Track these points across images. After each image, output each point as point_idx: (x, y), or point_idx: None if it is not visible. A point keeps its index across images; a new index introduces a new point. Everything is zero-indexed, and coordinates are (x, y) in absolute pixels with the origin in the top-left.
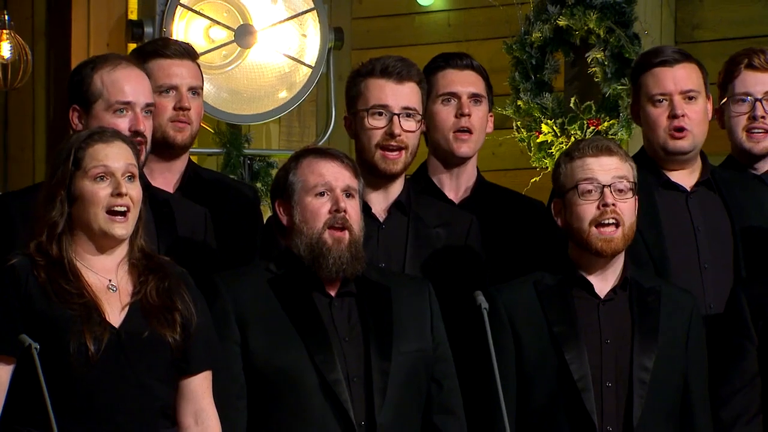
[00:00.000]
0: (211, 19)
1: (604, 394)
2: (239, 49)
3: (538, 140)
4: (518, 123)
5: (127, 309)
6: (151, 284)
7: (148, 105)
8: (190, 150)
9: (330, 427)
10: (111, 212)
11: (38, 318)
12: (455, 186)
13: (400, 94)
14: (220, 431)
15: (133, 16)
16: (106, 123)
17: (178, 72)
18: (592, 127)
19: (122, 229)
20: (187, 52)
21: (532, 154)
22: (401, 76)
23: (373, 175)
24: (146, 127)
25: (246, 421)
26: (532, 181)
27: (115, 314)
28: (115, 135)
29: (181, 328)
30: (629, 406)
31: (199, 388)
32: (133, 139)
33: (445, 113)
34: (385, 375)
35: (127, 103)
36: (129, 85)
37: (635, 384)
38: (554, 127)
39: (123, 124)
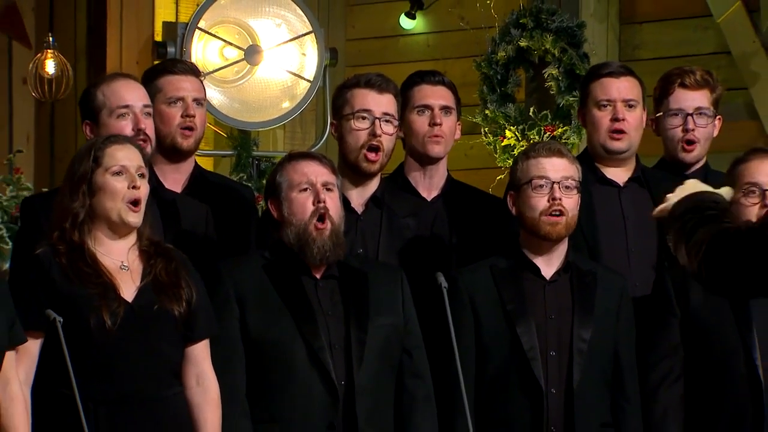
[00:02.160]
0: (224, 41)
1: (549, 361)
2: (249, 66)
3: (502, 144)
4: (486, 129)
5: (138, 286)
6: (160, 266)
7: (145, 106)
8: (207, 152)
9: (315, 387)
10: (127, 202)
11: (61, 297)
12: (428, 184)
13: (381, 102)
14: (218, 391)
15: (158, 38)
16: (112, 127)
17: (184, 86)
18: (548, 133)
19: (135, 217)
20: (191, 70)
21: (497, 156)
22: (381, 87)
23: (354, 174)
24: (147, 125)
25: (245, 383)
26: (498, 178)
27: (128, 291)
28: (128, 140)
29: (186, 302)
30: (570, 372)
31: (200, 354)
32: (137, 137)
33: (420, 122)
34: (362, 344)
35: (127, 107)
36: (126, 91)
37: (575, 353)
38: (516, 133)
39: (126, 126)
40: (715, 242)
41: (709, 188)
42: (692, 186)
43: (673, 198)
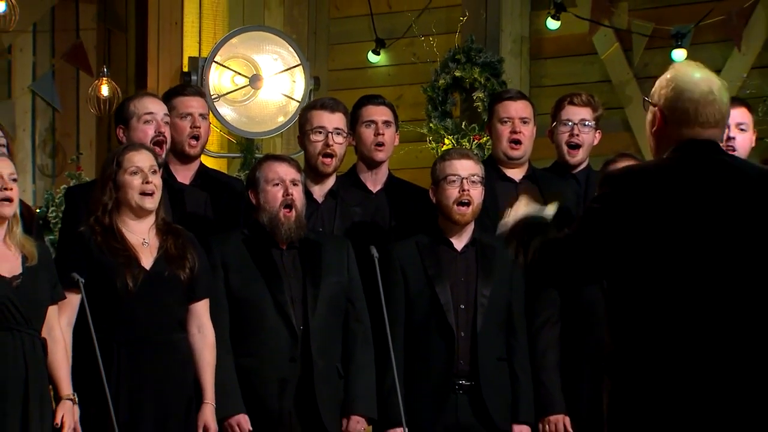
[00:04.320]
0: (234, 71)
1: (459, 313)
2: (253, 90)
3: (442, 149)
4: (430, 138)
5: (155, 257)
6: (171, 241)
7: (165, 115)
8: (222, 154)
9: (280, 331)
10: (142, 193)
11: (97, 264)
12: (374, 180)
13: (332, 120)
14: (214, 337)
15: (185, 69)
16: (139, 130)
17: (192, 104)
18: (476, 141)
19: (151, 203)
20: (198, 92)
21: None
22: (333, 108)
23: (315, 174)
24: (165, 130)
25: (229, 330)
26: None
27: (147, 260)
28: (143, 146)
29: (189, 269)
30: (474, 320)
31: (201, 309)
32: (157, 137)
33: (368, 133)
34: (316, 297)
35: (151, 113)
36: (151, 104)
37: (478, 306)
38: (453, 141)
39: (150, 128)
40: (543, 249)
41: (537, 206)
42: (524, 203)
43: (510, 217)
